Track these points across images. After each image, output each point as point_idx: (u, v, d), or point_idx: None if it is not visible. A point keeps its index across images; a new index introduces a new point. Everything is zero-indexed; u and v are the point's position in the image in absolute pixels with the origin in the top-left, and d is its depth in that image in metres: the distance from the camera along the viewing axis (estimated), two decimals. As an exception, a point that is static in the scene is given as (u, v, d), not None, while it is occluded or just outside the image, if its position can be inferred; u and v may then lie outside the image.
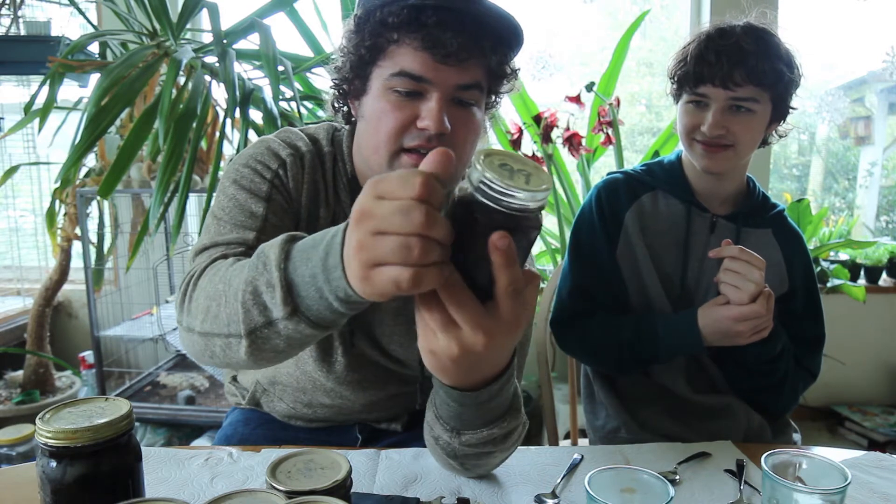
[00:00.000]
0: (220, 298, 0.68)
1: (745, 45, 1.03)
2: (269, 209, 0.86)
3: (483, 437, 0.74)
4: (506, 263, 0.50)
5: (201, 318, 0.71)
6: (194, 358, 0.76)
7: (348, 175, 0.95)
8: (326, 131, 0.98)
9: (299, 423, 1.09)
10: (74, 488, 0.60)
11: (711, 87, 1.05)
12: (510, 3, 0.88)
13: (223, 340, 0.68)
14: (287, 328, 0.63)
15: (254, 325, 0.64)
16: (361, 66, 0.85)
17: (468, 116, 0.85)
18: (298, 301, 0.61)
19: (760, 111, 1.07)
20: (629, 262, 1.17)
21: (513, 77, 0.91)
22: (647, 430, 1.17)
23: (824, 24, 2.94)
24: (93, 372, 2.35)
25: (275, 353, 0.67)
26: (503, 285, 0.52)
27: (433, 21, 0.79)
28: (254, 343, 0.66)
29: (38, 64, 2.02)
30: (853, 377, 2.80)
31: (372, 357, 0.99)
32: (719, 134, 1.06)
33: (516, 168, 0.49)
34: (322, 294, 0.59)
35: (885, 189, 3.13)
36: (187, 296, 0.74)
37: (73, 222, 2.28)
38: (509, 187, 0.47)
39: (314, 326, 0.62)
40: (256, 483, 0.84)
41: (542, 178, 0.49)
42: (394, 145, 0.83)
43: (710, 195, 1.17)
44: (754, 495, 0.84)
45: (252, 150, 0.92)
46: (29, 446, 2.15)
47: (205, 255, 0.81)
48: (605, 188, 1.21)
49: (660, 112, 3.13)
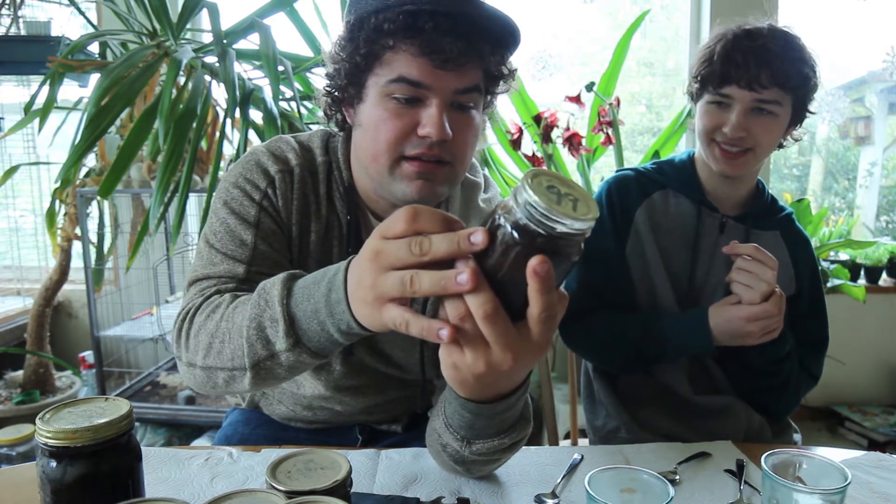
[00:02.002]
0: (224, 336, 0.73)
1: (772, 47, 1.03)
2: (258, 236, 0.87)
3: (494, 446, 0.74)
4: (543, 290, 0.49)
5: (203, 355, 0.76)
6: (196, 388, 0.82)
7: (344, 183, 0.93)
8: (321, 139, 0.96)
9: (299, 424, 1.09)
10: (74, 488, 0.60)
11: (736, 88, 1.05)
12: (511, 3, 0.87)
13: (227, 374, 0.74)
14: (289, 359, 0.68)
15: (258, 357, 0.70)
16: (356, 73, 0.84)
17: (468, 120, 0.85)
18: (300, 334, 0.67)
19: (782, 114, 1.07)
20: (638, 259, 1.16)
21: (510, 77, 0.90)
22: (648, 430, 1.17)
23: (824, 24, 2.94)
24: (93, 372, 2.35)
25: (276, 380, 0.74)
26: (538, 311, 0.51)
27: (430, 26, 0.77)
28: (257, 374, 0.71)
29: (38, 64, 2.02)
30: (853, 377, 2.80)
31: (370, 364, 0.98)
32: (740, 136, 1.06)
33: (563, 192, 0.48)
34: (324, 327, 0.64)
35: (885, 189, 3.13)
36: (184, 332, 0.79)
37: (73, 222, 2.28)
38: (555, 213, 0.45)
39: (314, 356, 0.68)
40: (256, 483, 0.84)
41: (589, 205, 0.48)
42: (394, 153, 0.82)
43: (721, 196, 1.17)
44: (754, 495, 0.84)
45: (242, 167, 0.91)
46: (29, 446, 2.15)
47: (196, 289, 0.84)
48: (615, 184, 1.20)
49: (660, 112, 3.13)
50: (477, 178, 1.02)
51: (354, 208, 0.93)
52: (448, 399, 0.74)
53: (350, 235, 0.92)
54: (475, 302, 0.50)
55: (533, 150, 2.25)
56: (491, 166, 2.39)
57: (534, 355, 0.55)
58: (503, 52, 0.86)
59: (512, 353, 0.53)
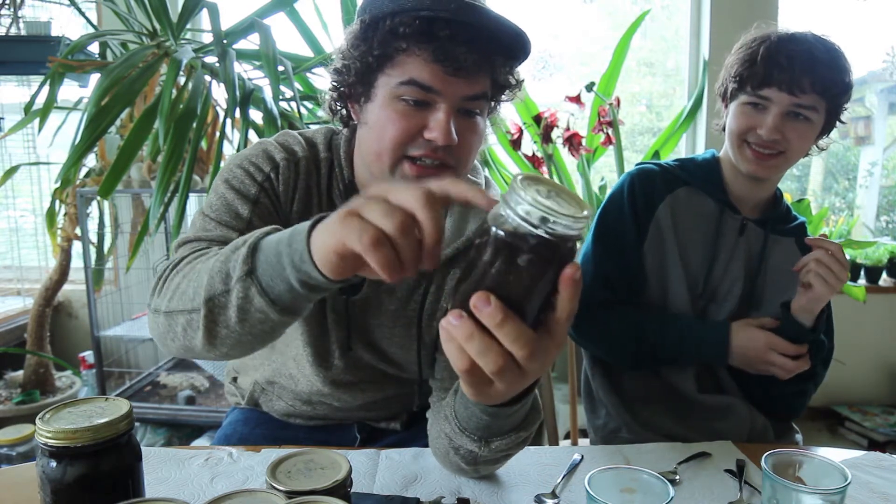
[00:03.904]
0: (194, 275, 0.69)
1: (816, 53, 1.03)
2: (254, 212, 0.86)
3: (511, 441, 0.75)
4: (576, 294, 0.48)
5: (169, 297, 0.71)
6: (158, 341, 0.76)
7: (345, 181, 0.94)
8: (325, 136, 0.97)
9: (298, 420, 1.09)
10: (74, 488, 0.60)
11: (776, 91, 1.04)
12: (511, 3, 0.88)
13: (185, 317, 0.69)
14: (239, 294, 0.63)
15: (213, 292, 0.65)
16: (367, 72, 0.84)
17: (473, 125, 0.85)
18: (257, 264, 0.62)
19: (816, 120, 1.07)
20: (656, 254, 1.16)
21: (517, 87, 0.91)
22: (649, 430, 1.17)
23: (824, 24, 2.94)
24: (93, 372, 2.35)
25: (227, 329, 0.66)
26: (567, 315, 0.50)
27: (446, 34, 0.78)
28: (210, 314, 0.66)
29: (38, 64, 2.02)
30: (853, 377, 2.80)
31: (369, 361, 0.99)
32: (775, 139, 1.05)
33: (553, 192, 0.47)
34: (280, 259, 0.60)
35: (885, 189, 3.13)
36: (163, 279, 0.75)
37: (73, 222, 2.28)
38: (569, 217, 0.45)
39: (262, 294, 0.62)
40: (256, 483, 0.84)
41: (579, 203, 0.48)
42: (398, 153, 0.83)
43: (743, 198, 1.17)
44: (754, 495, 0.84)
45: (248, 152, 0.92)
46: (29, 446, 2.15)
47: (187, 247, 0.81)
48: (639, 176, 1.19)
49: (660, 112, 3.12)
50: (478, 180, 1.02)
51: None
52: (460, 405, 0.74)
53: None
54: (516, 346, 0.48)
55: (533, 150, 2.25)
56: (491, 166, 2.39)
57: (557, 354, 0.53)
58: (513, 63, 0.87)
59: (540, 365, 0.51)
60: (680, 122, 2.63)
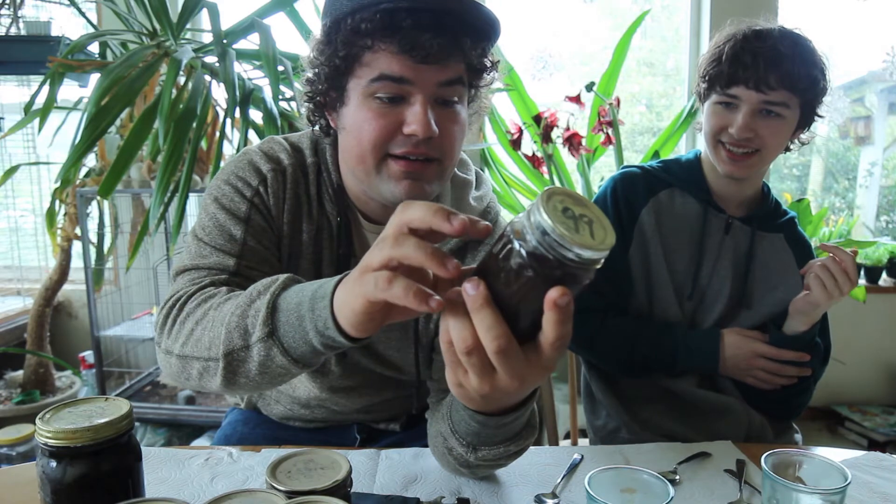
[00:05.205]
0: (209, 323, 0.70)
1: (781, 49, 1.03)
2: (247, 231, 0.85)
3: (499, 452, 0.75)
4: (562, 321, 0.47)
5: (182, 342, 0.73)
6: (170, 379, 0.78)
7: (333, 185, 0.92)
8: (310, 140, 0.95)
9: (297, 423, 1.09)
10: (74, 488, 0.60)
11: (744, 89, 1.04)
12: (512, 3, 0.87)
13: (202, 364, 0.70)
14: (260, 353, 0.65)
15: (232, 346, 0.67)
16: (336, 76, 0.83)
17: (453, 115, 0.83)
18: (278, 325, 0.64)
19: (789, 116, 1.07)
20: (641, 258, 1.16)
21: (493, 69, 0.89)
22: (649, 430, 1.17)
23: (824, 23, 2.94)
24: (93, 372, 2.35)
25: (247, 379, 0.68)
26: (552, 340, 0.48)
27: (409, 23, 0.76)
28: (229, 366, 0.67)
29: (38, 64, 2.02)
30: (853, 377, 2.80)
31: (366, 365, 0.98)
32: (747, 137, 1.05)
33: (579, 213, 0.45)
34: (302, 322, 0.61)
35: (885, 189, 3.13)
36: (171, 318, 0.76)
37: (73, 222, 2.28)
38: (572, 242, 0.43)
39: (285, 354, 0.64)
40: (256, 483, 0.84)
41: (605, 228, 0.46)
42: (380, 153, 0.81)
43: (727, 197, 1.17)
44: (754, 495, 0.84)
45: (234, 165, 0.90)
46: (29, 446, 2.15)
47: (186, 278, 0.82)
48: (621, 181, 1.19)
49: (660, 112, 3.12)
50: (468, 176, 1.00)
51: (345, 210, 0.92)
52: (455, 406, 0.74)
53: (340, 237, 0.92)
54: (489, 335, 0.48)
55: (533, 150, 2.25)
56: (491, 166, 2.39)
57: (541, 376, 0.53)
58: (484, 44, 0.84)
59: (519, 380, 0.50)
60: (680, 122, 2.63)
